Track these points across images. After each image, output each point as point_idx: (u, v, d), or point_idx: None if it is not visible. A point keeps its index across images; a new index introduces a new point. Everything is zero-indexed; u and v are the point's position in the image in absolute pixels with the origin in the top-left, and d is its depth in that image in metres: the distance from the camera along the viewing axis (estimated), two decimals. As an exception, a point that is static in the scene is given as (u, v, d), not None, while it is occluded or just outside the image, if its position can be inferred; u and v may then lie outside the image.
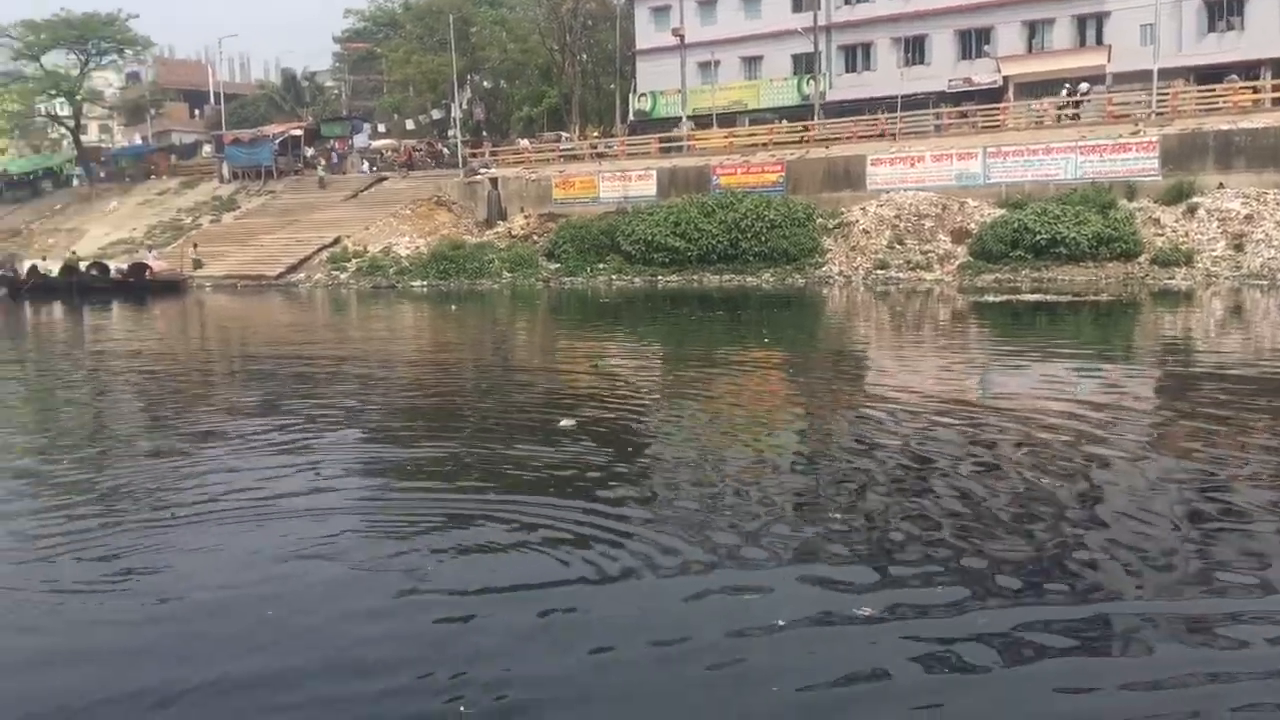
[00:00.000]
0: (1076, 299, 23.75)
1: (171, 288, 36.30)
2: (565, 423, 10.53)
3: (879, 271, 30.16)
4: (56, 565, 6.55)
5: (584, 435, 10.03)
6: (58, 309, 32.55)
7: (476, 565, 6.41)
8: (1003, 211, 29.81)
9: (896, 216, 31.60)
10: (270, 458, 9.63)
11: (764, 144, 38.57)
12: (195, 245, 41.91)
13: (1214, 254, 26.93)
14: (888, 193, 32.65)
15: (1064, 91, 37.44)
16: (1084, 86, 37.15)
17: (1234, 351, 15.89)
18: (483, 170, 42.31)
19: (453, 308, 27.71)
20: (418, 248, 37.82)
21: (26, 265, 39.63)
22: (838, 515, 7.28)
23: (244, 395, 14.33)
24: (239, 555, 6.78)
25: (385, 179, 46.36)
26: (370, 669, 5.01)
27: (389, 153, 52.45)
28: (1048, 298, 24.14)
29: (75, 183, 62.17)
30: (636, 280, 32.70)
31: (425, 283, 34.88)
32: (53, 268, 38.51)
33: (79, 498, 8.30)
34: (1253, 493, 7.61)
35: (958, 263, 29.43)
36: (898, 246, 30.79)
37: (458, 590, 5.98)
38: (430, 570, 6.32)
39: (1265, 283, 25.23)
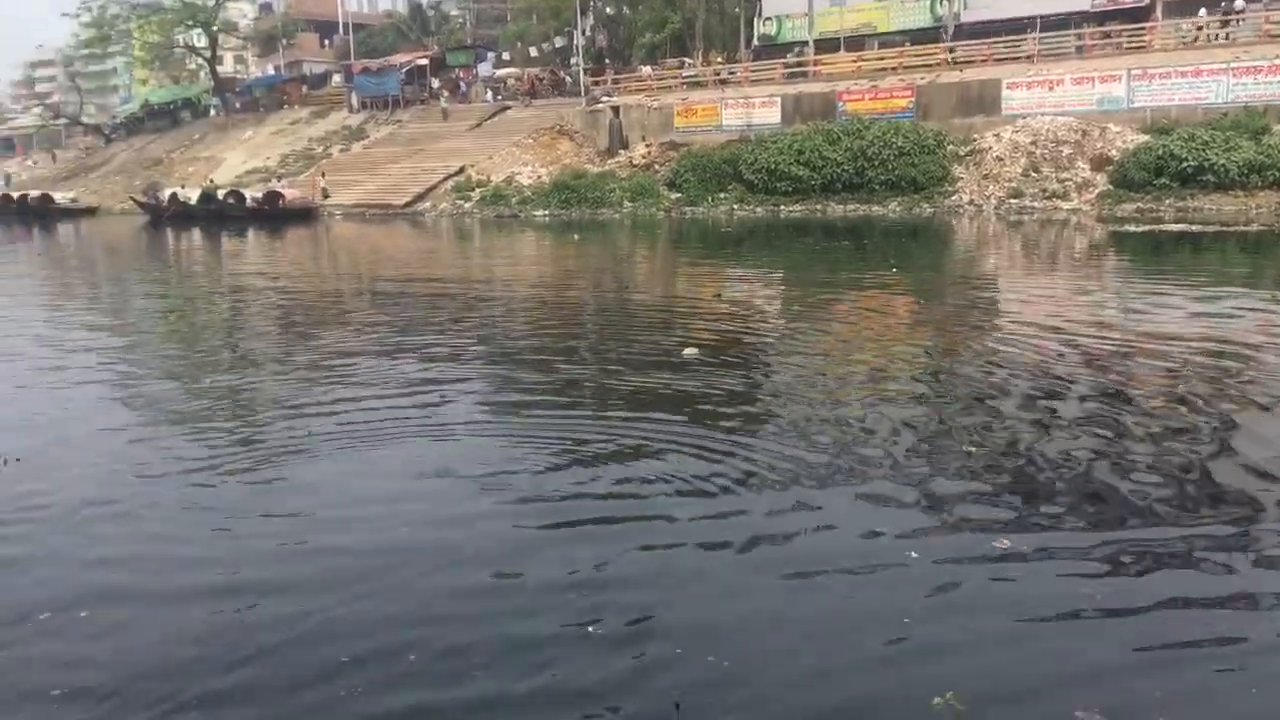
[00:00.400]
0: (1224, 229, 22.54)
1: (304, 215, 37.37)
2: (689, 351, 10.45)
3: (1012, 200, 29.12)
4: (199, 482, 6.79)
5: (708, 363, 9.95)
6: (197, 235, 33.80)
7: (600, 488, 6.43)
8: (1147, 137, 28.35)
9: (1033, 143, 30.34)
10: (399, 380, 9.79)
11: (893, 68, 37.39)
12: (323, 174, 42.90)
13: (1380, 183, 25.20)
14: (1024, 118, 31.33)
15: (1217, 9, 35.23)
16: (1239, 4, 34.85)
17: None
18: (605, 99, 42.08)
19: (575, 237, 27.78)
20: (540, 177, 37.99)
21: (167, 193, 41.22)
22: (970, 448, 7.05)
23: (374, 318, 14.65)
24: (372, 473, 6.92)
25: (508, 108, 46.59)
26: (505, 590, 5.05)
27: (512, 81, 52.54)
28: (1192, 228, 22.96)
29: (212, 113, 64.25)
30: (758, 210, 32.27)
31: (547, 212, 35.07)
32: (191, 195, 39.94)
33: (220, 415, 8.63)
34: None
35: (1097, 191, 28.19)
36: (1033, 174, 29.63)
37: (585, 516, 6.00)
38: (554, 492, 6.36)
39: None
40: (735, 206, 32.88)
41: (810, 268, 19.59)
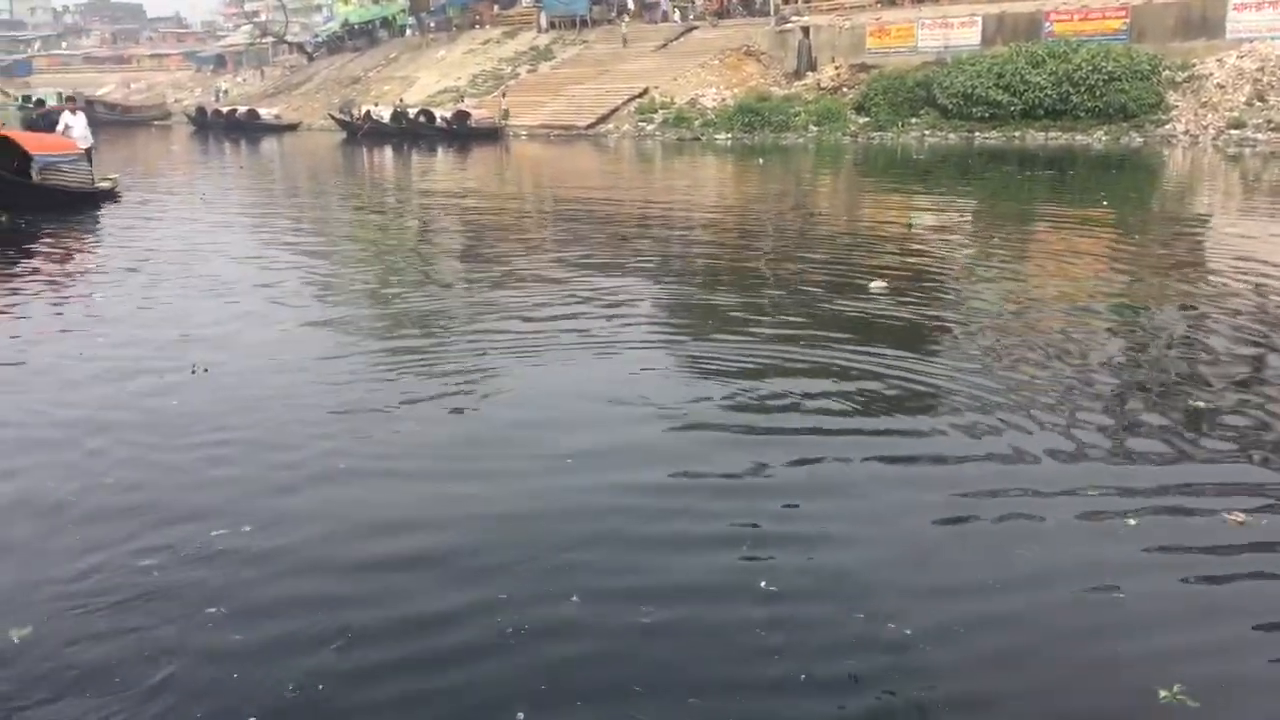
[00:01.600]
0: None
1: (490, 135, 37.98)
2: (876, 284, 9.99)
3: (1232, 131, 26.91)
4: (389, 389, 6.93)
5: (898, 296, 9.52)
6: (389, 152, 34.81)
7: (773, 416, 6.24)
8: (1396, 63, 25.68)
9: (1260, 69, 27.85)
10: (578, 297, 9.84)
11: (1107, -13, 34.88)
12: (505, 94, 43.36)
13: None
14: (1251, 41, 28.74)
15: None
16: None
17: None
18: (794, 18, 40.87)
19: (760, 161, 27.20)
20: (724, 100, 37.34)
21: (362, 110, 42.57)
22: (1200, 403, 6.40)
23: (554, 236, 14.75)
24: (550, 388, 6.96)
25: (695, 28, 45.81)
26: (668, 515, 4.93)
27: (701, 1, 51.63)
28: None
29: (408, 32, 65.63)
30: (951, 136, 30.87)
31: (729, 135, 34.48)
32: (384, 114, 41.10)
33: (406, 328, 8.85)
34: None
35: (1334, 123, 25.77)
36: (1258, 104, 27.26)
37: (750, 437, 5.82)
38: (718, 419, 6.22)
39: None
40: (926, 133, 31.55)
41: (1009, 199, 18.63)
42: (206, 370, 7.38)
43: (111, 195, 18.35)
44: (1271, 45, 28.19)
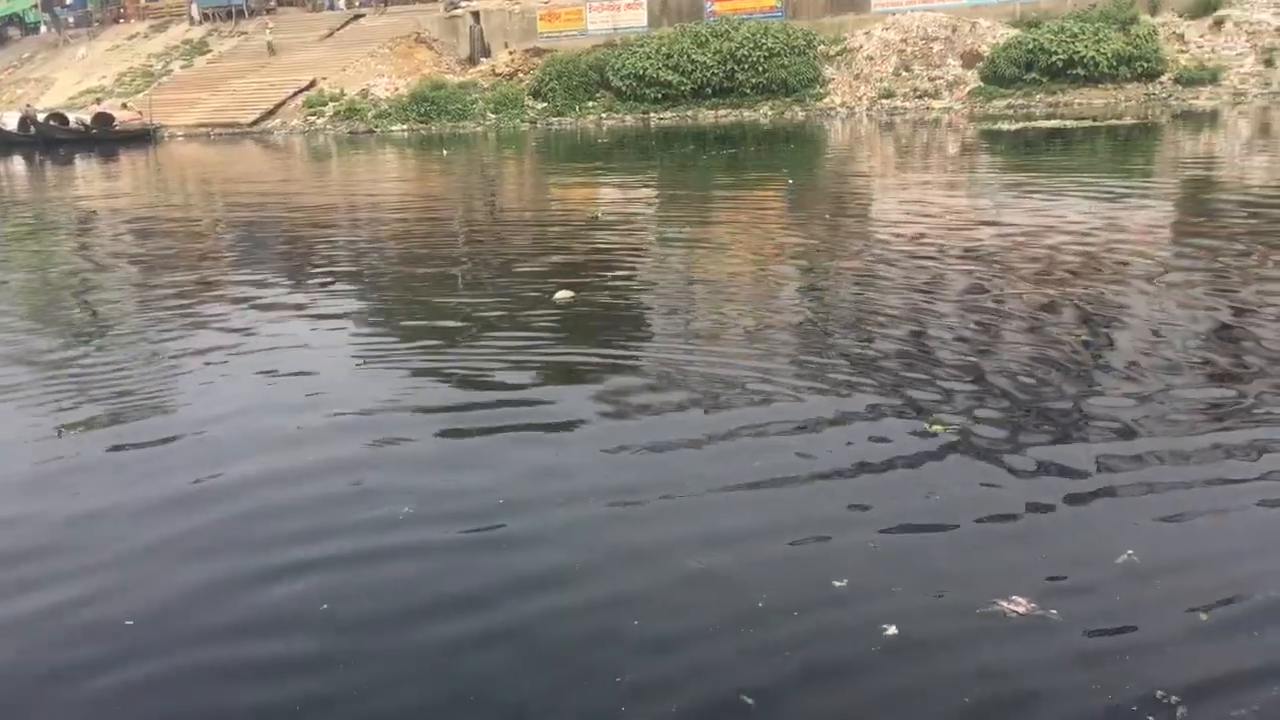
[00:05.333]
0: (1095, 123, 22.24)
1: (140, 138, 34.67)
2: (561, 295, 9.09)
3: (884, 101, 28.46)
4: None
5: (584, 305, 8.89)
6: (18, 163, 30.97)
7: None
8: (1017, 31, 27.92)
9: (903, 40, 29.64)
10: (254, 313, 9.23)
11: (761, -34, 36.08)
12: (150, 100, 39.62)
13: (1242, 70, 25.23)
14: (893, 14, 30.56)
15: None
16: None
17: (1257, 175, 14.69)
18: (464, 3, 39.84)
19: (443, 152, 26.09)
20: (397, 89, 35.87)
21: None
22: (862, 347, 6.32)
23: (217, 249, 13.19)
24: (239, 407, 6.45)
25: (362, 16, 43.84)
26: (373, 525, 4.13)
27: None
28: (1066, 124, 22.61)
29: (42, 29, 59.40)
30: (628, 118, 31.00)
31: (405, 126, 33.14)
32: (9, 121, 36.64)
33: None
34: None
35: (968, 89, 27.73)
36: (904, 73, 28.98)
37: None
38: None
39: (1298, 101, 23.65)
40: (604, 115, 31.55)
41: (693, 178, 18.60)
42: None
43: None
44: (911, 17, 30.02)
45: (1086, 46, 25.87)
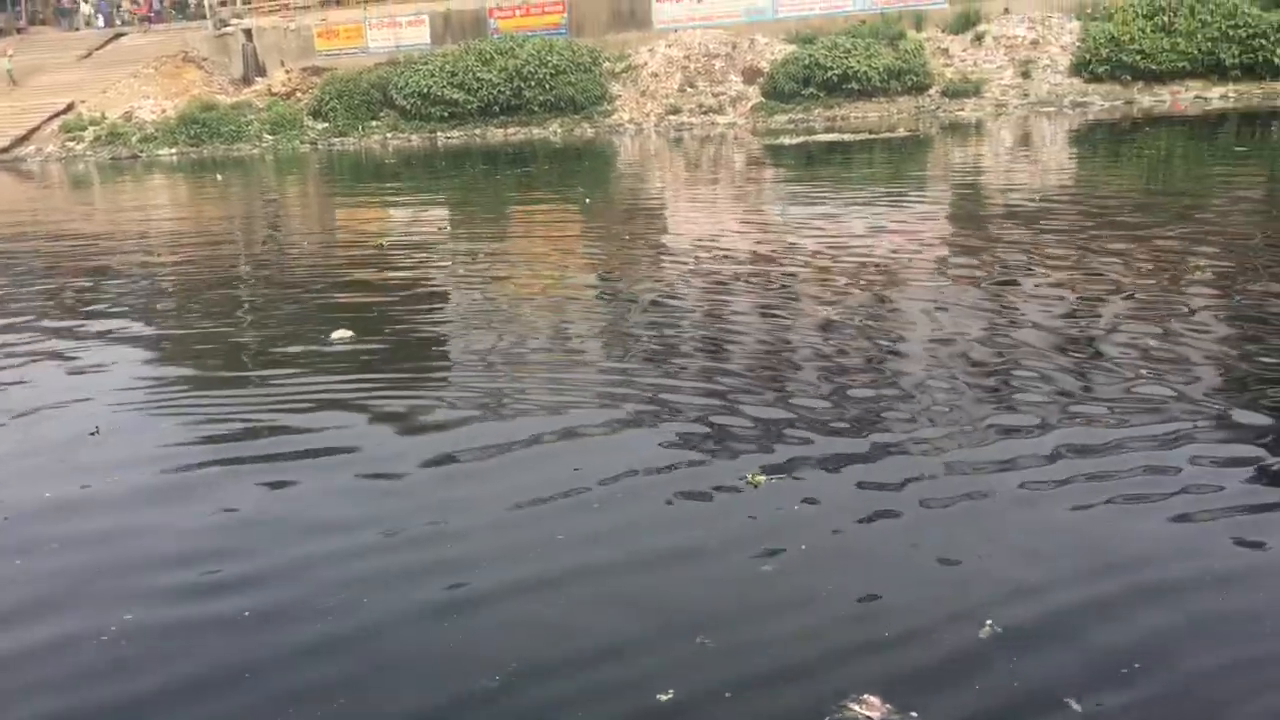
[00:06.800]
0: (871, 136, 23.04)
1: None
2: (338, 334, 8.49)
3: (671, 117, 28.72)
4: None
5: (362, 345, 8.34)
6: None
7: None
8: (793, 47, 28.66)
9: (686, 57, 30.01)
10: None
11: (544, -18, 35.94)
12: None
13: (1002, 82, 26.69)
14: (675, 31, 30.92)
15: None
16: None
17: (1019, 182, 15.48)
18: (235, 21, 38.07)
19: (218, 177, 24.64)
20: (164, 111, 33.83)
21: None
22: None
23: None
24: None
25: (124, 35, 41.31)
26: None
27: (128, 4, 46.78)
28: (844, 137, 23.32)
29: None
30: (414, 138, 30.21)
31: (174, 150, 31.29)
32: None
33: None
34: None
35: (750, 104, 28.29)
36: (689, 90, 29.34)
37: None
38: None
39: (1052, 109, 25.19)
40: (389, 135, 30.65)
41: (482, 201, 18.16)
42: None
43: None
44: (692, 34, 30.45)
45: (859, 61, 26.82)
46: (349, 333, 8.51)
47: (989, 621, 3.92)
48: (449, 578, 4.53)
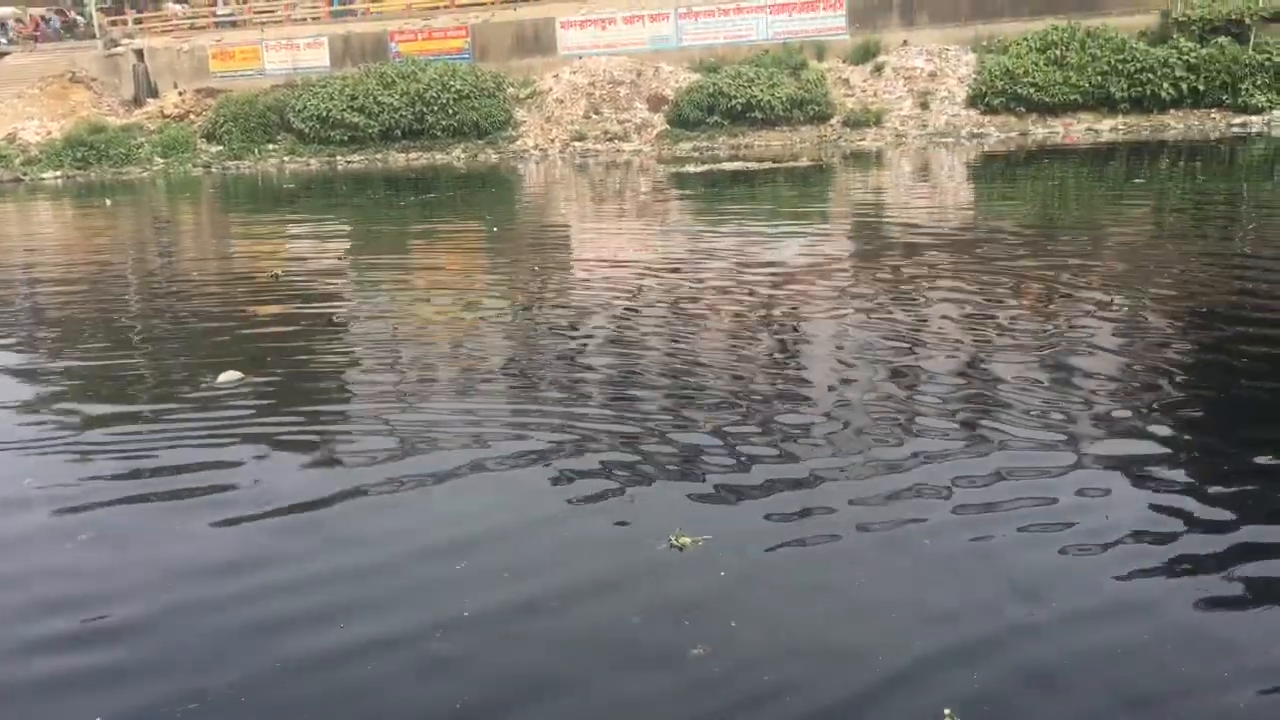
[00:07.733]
0: (774, 165, 23.20)
1: None
2: (225, 376, 7.93)
3: (576, 143, 28.61)
4: None
5: (253, 382, 7.87)
6: None
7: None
8: (697, 76, 28.80)
9: (591, 84, 29.96)
10: None
11: (446, 6, 35.57)
12: None
13: (902, 113, 27.12)
14: (580, 58, 30.87)
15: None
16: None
17: (920, 211, 15.67)
18: (125, 40, 36.93)
19: (108, 202, 23.71)
20: (50, 133, 32.62)
21: None
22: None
23: None
24: None
25: (7, 54, 39.77)
26: None
27: (13, 23, 45.08)
28: (748, 165, 23.42)
29: None
30: (313, 162, 29.59)
31: (60, 173, 30.15)
32: None
33: None
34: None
35: (656, 131, 28.32)
36: (594, 116, 29.28)
37: None
38: None
39: (950, 140, 25.66)
40: (286, 159, 29.99)
41: (383, 229, 17.68)
42: None
43: None
44: (597, 61, 30.43)
45: (762, 91, 27.05)
46: (237, 374, 7.98)
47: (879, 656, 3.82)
48: (348, 620, 4.27)
